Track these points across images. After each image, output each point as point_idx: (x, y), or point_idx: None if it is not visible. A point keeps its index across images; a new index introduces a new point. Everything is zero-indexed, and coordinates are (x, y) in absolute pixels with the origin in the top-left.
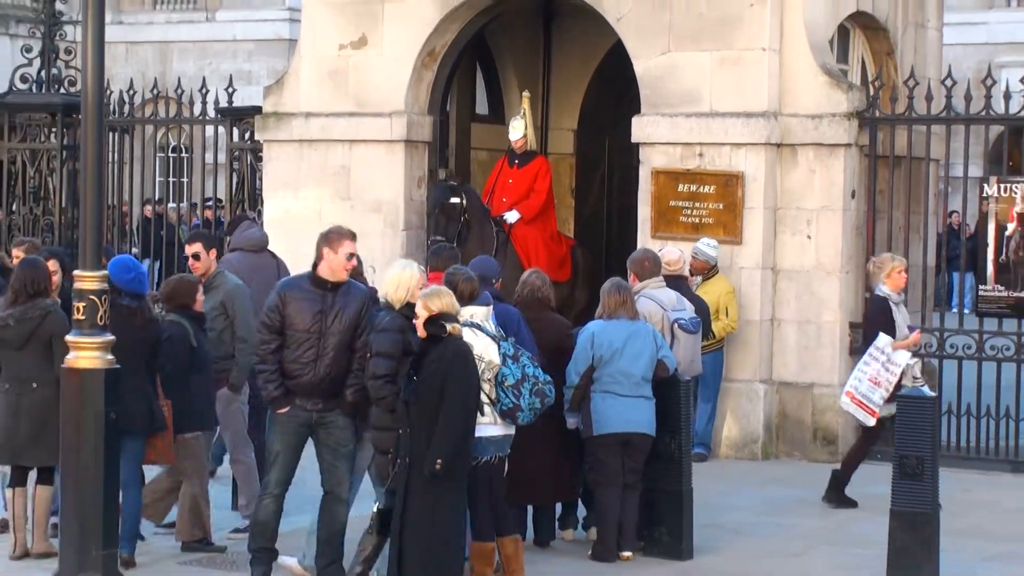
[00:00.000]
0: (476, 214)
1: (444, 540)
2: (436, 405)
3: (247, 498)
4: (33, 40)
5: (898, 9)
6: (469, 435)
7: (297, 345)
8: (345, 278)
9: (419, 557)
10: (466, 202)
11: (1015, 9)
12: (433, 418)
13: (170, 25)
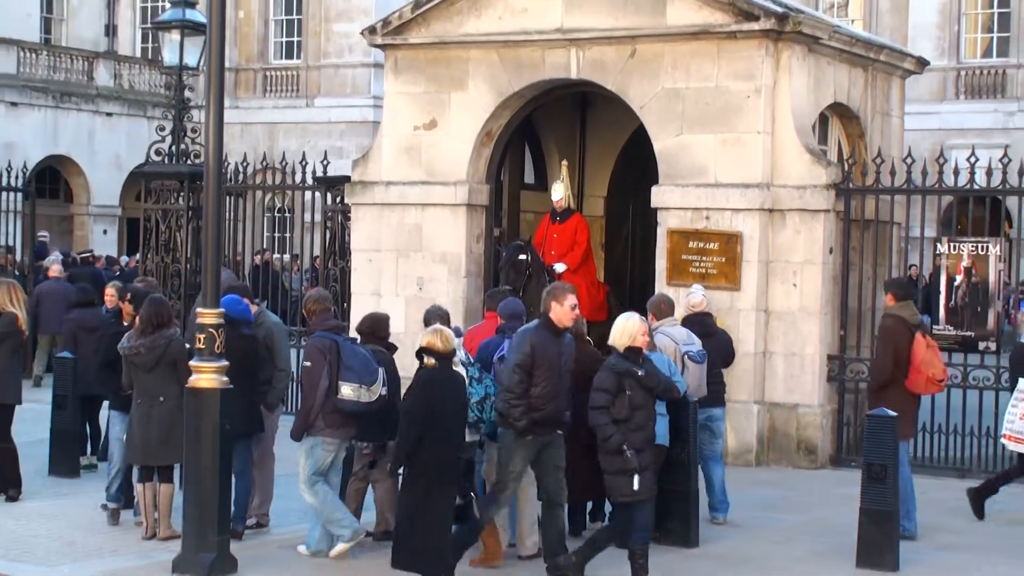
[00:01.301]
0: (536, 267)
1: (433, 529)
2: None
3: (261, 500)
4: (166, 121)
5: (867, 100)
6: (413, 443)
7: (543, 382)
8: (571, 325)
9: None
10: (531, 258)
11: (962, 102)
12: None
13: (277, 109)
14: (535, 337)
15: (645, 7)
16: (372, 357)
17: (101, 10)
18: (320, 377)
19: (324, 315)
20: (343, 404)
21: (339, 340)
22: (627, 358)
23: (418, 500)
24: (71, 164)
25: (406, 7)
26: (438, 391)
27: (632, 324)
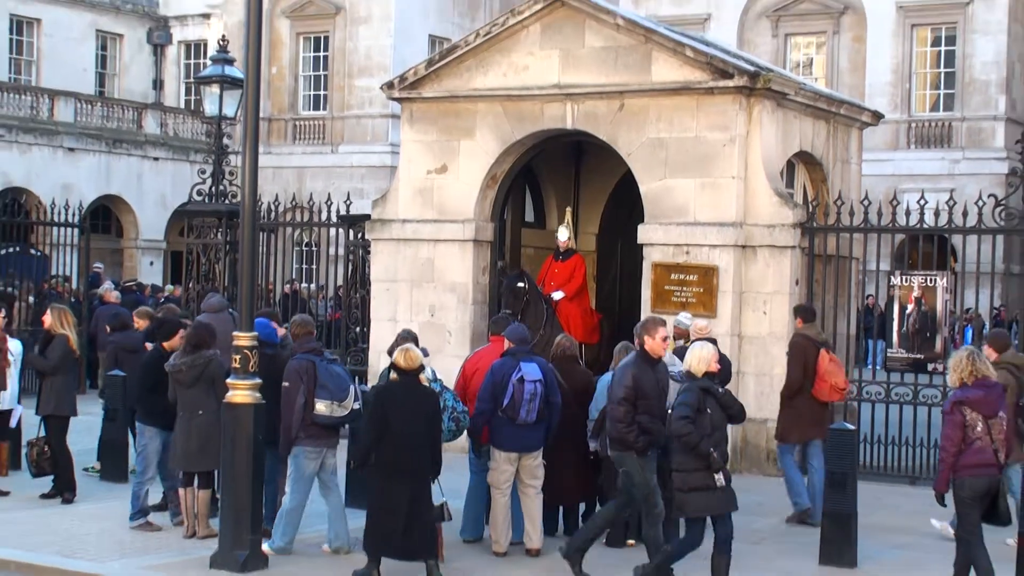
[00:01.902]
0: (533, 294)
1: (389, 517)
2: None
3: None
4: (206, 165)
5: (829, 149)
6: (371, 443)
7: (647, 409)
8: (663, 355)
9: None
10: (527, 286)
11: (913, 151)
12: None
13: (305, 155)
14: (635, 370)
15: (632, 66)
16: (346, 375)
17: (149, 66)
18: (296, 396)
19: (306, 338)
20: (317, 419)
21: (316, 361)
22: (707, 381)
23: (377, 493)
24: (122, 203)
25: (420, 65)
26: (393, 401)
27: (708, 352)
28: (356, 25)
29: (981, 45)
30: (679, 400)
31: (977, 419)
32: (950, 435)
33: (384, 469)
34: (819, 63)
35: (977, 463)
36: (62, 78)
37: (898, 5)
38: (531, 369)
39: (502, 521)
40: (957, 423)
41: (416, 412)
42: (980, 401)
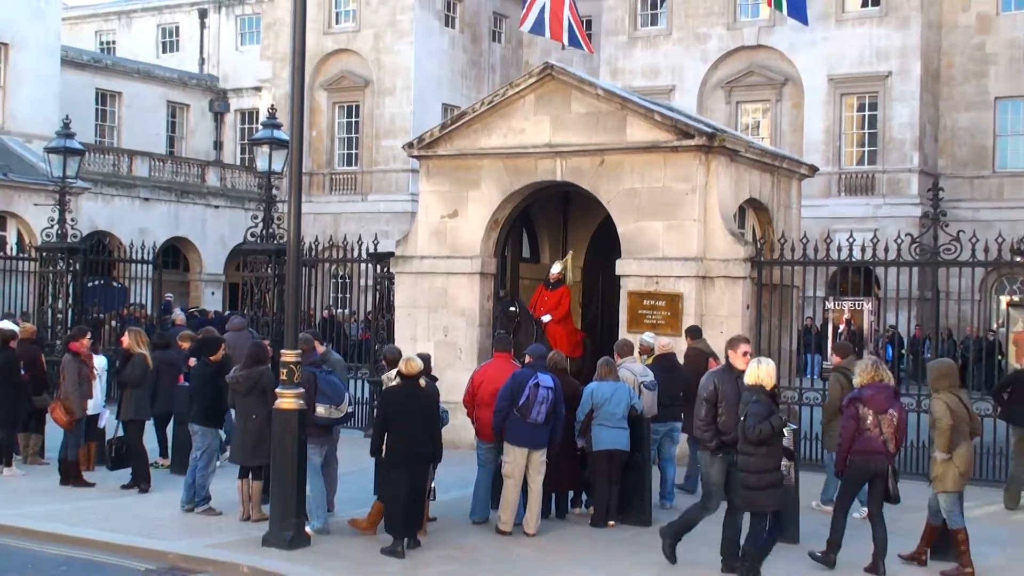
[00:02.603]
0: (524, 317)
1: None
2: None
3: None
4: (258, 212)
5: (774, 196)
6: (379, 437)
7: (727, 413)
8: (744, 367)
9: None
10: (519, 310)
11: (843, 198)
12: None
13: (340, 203)
14: (718, 378)
15: (611, 128)
16: (341, 384)
17: (211, 130)
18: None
19: (308, 354)
20: (318, 420)
21: (317, 372)
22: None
23: (386, 479)
24: (188, 243)
25: (435, 128)
26: (397, 402)
27: (772, 367)
28: (382, 96)
29: (898, 110)
30: (753, 409)
31: (868, 413)
32: (846, 425)
33: (392, 457)
34: (765, 125)
35: (866, 450)
36: (139, 140)
37: (829, 77)
38: (546, 378)
39: (512, 505)
40: (852, 416)
41: (416, 410)
42: (872, 399)
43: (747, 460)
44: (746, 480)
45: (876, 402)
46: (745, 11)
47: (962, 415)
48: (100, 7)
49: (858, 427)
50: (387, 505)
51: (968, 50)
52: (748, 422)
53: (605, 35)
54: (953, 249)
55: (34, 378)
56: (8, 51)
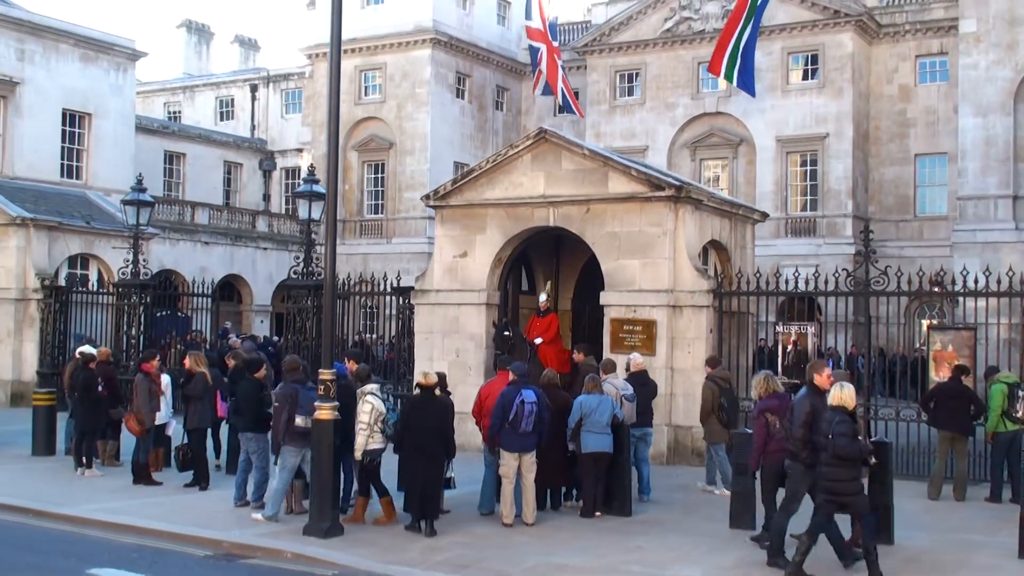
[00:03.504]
0: (517, 339)
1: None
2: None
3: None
4: (300, 253)
5: (732, 238)
6: (400, 438)
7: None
8: (828, 387)
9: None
10: (512, 333)
11: (789, 239)
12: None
13: (368, 245)
14: (811, 400)
15: (595, 182)
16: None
17: (260, 185)
18: (282, 412)
19: (293, 373)
20: (298, 428)
21: (299, 388)
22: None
23: (404, 471)
24: (241, 279)
25: (448, 183)
26: (415, 407)
27: (853, 391)
28: (404, 155)
29: (834, 165)
30: (841, 429)
31: (775, 420)
32: (758, 432)
33: (410, 452)
34: (724, 178)
35: (776, 450)
36: (200, 193)
37: (777, 138)
38: (529, 394)
39: (509, 501)
40: (762, 424)
41: (430, 415)
42: (776, 407)
43: (836, 471)
44: (841, 488)
45: (780, 410)
46: (707, 84)
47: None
48: (168, 83)
49: (768, 432)
50: (406, 491)
51: (892, 115)
52: (841, 441)
53: (590, 104)
54: (882, 281)
55: (111, 394)
56: (92, 120)
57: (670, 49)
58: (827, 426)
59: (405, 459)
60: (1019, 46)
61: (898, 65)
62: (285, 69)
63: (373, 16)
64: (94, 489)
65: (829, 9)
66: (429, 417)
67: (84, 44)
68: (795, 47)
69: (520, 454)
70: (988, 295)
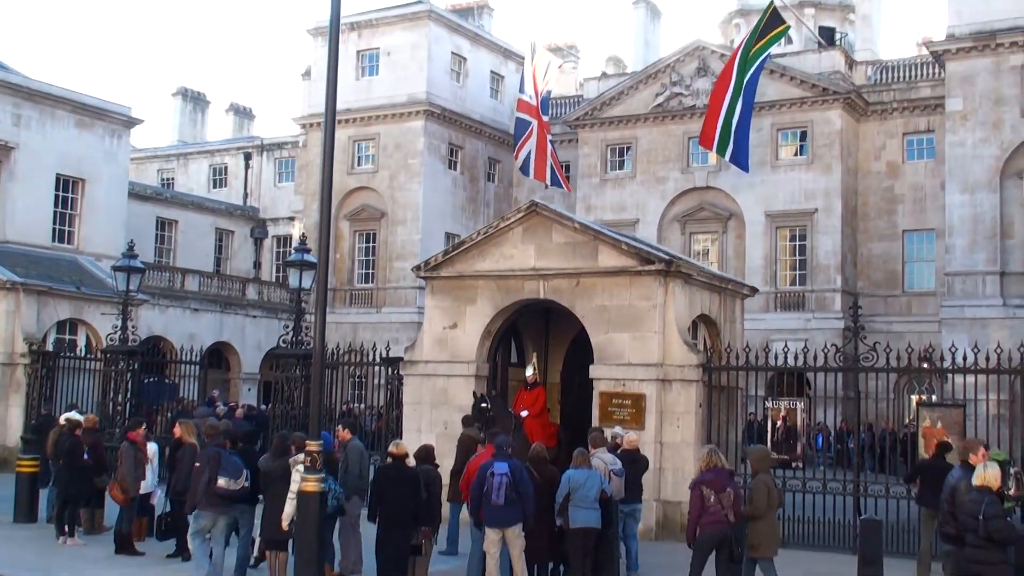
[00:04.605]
0: (498, 411)
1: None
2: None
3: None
4: (289, 321)
5: (721, 312)
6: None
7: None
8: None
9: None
10: (491, 405)
11: (779, 313)
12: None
13: (358, 314)
14: (961, 480)
15: (585, 255)
16: (241, 463)
17: (251, 252)
18: (202, 475)
19: (216, 437)
20: (219, 491)
21: (221, 452)
22: (1000, 495)
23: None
24: (230, 347)
25: (439, 254)
26: (386, 479)
27: (998, 472)
28: (395, 225)
29: (823, 240)
30: (991, 511)
31: (711, 493)
32: (694, 504)
33: (382, 521)
34: (713, 252)
35: (710, 522)
36: (191, 260)
37: (766, 213)
38: (500, 466)
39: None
40: (697, 496)
41: (402, 483)
42: (712, 481)
43: (983, 553)
44: (988, 572)
45: (716, 484)
46: (696, 158)
47: (775, 493)
48: (162, 149)
49: (703, 505)
50: (379, 560)
51: (880, 191)
52: (996, 524)
53: (581, 177)
54: (871, 357)
55: (96, 461)
56: (85, 185)
57: (661, 124)
58: (975, 507)
59: (379, 526)
60: (1005, 124)
61: (886, 142)
62: (279, 138)
63: (367, 87)
64: (75, 558)
65: (818, 87)
66: (400, 486)
67: (80, 110)
68: (784, 123)
69: (502, 528)
70: (977, 372)
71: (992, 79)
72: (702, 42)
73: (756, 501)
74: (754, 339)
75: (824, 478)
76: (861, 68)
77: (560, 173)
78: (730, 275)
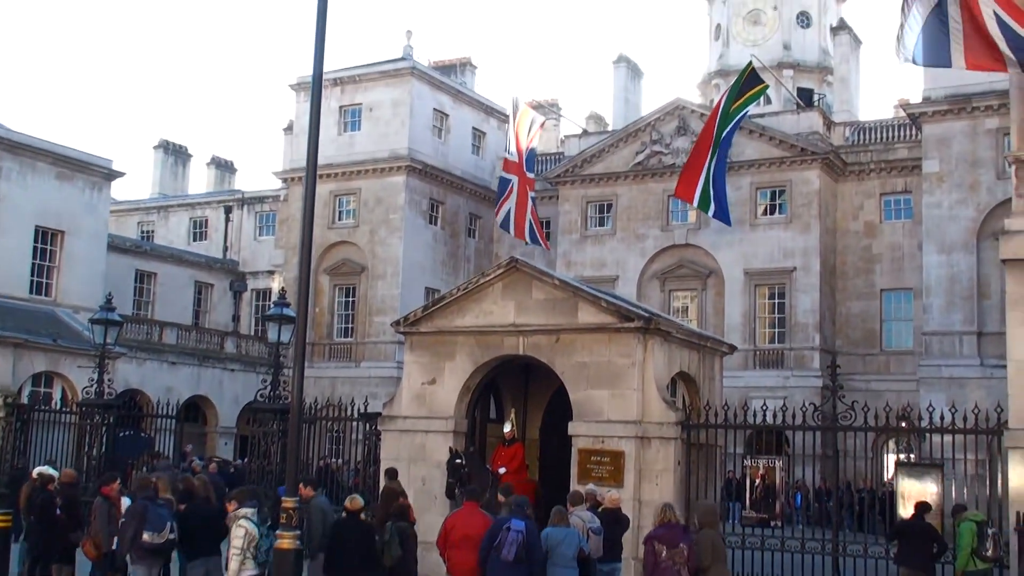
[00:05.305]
0: (473, 467)
1: None
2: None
3: None
4: (267, 375)
5: (700, 370)
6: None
7: None
8: None
9: None
10: (466, 462)
11: (758, 370)
12: None
13: (337, 368)
14: None
15: (565, 312)
16: (167, 516)
17: (230, 305)
18: (128, 529)
19: (143, 490)
20: (145, 545)
21: (148, 505)
22: None
23: None
24: (207, 400)
25: (418, 309)
26: (340, 533)
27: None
28: (375, 279)
29: (802, 298)
30: None
31: (663, 548)
32: (647, 559)
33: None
34: (693, 309)
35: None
36: (169, 313)
37: (745, 271)
38: (518, 523)
39: None
40: (650, 551)
41: (356, 538)
42: (664, 536)
43: None
44: None
45: (668, 539)
46: (676, 216)
47: (720, 548)
48: (142, 202)
49: (655, 561)
50: None
51: (858, 251)
52: None
53: (561, 233)
54: (849, 416)
55: (70, 516)
56: (64, 238)
57: (641, 182)
58: None
59: None
60: (981, 186)
61: (864, 202)
62: (260, 191)
63: (349, 142)
64: None
65: (796, 147)
66: (353, 541)
67: (61, 162)
68: (763, 182)
69: None
70: (955, 432)
71: (968, 141)
72: (682, 101)
73: (701, 555)
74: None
75: (803, 537)
76: (839, 129)
77: (539, 230)
78: (709, 332)
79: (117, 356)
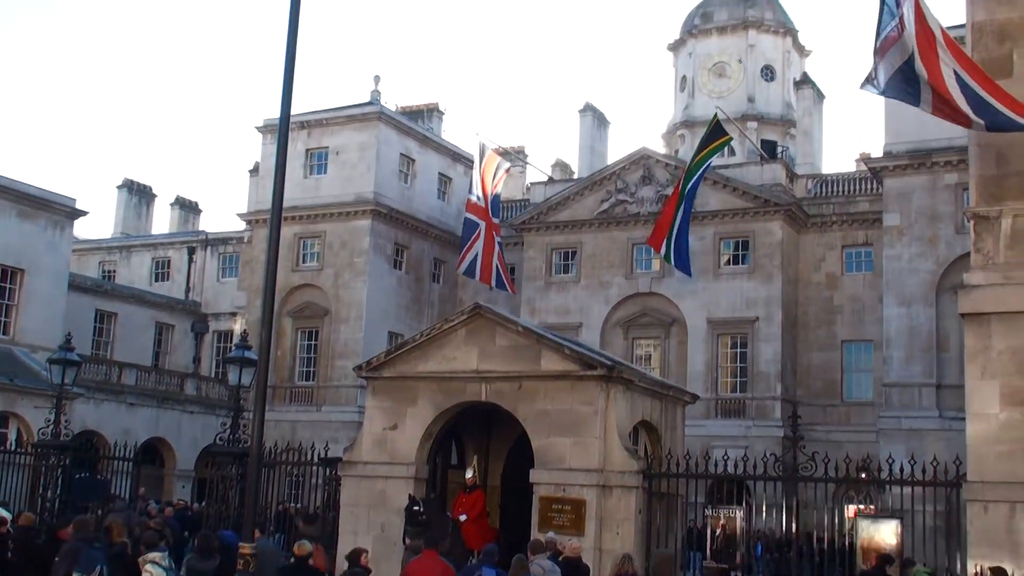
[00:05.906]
0: (432, 514)
1: None
2: None
3: None
4: (227, 418)
5: (662, 418)
6: None
7: None
8: None
9: None
10: (426, 509)
11: (720, 420)
12: None
13: (298, 412)
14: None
15: (528, 359)
16: (98, 558)
17: (191, 347)
18: (59, 569)
19: (80, 532)
20: None
21: (83, 546)
22: None
23: None
24: (165, 443)
25: (381, 354)
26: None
27: None
28: (338, 323)
29: (764, 348)
30: None
31: None
32: None
33: None
34: (656, 358)
35: None
36: (129, 354)
37: (708, 320)
38: (489, 571)
39: None
40: None
41: None
42: None
43: None
44: None
45: None
46: (640, 264)
47: None
48: (105, 241)
49: None
50: None
51: (820, 302)
52: None
53: (526, 279)
54: (809, 467)
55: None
56: (24, 276)
57: (605, 230)
58: None
59: None
60: (940, 240)
61: (825, 254)
62: (224, 233)
63: (315, 185)
64: None
65: (760, 198)
66: None
67: (23, 200)
68: (727, 232)
69: None
70: (914, 484)
71: (928, 196)
72: (647, 151)
73: None
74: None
75: None
76: (802, 181)
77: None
78: (671, 381)
79: (75, 397)
